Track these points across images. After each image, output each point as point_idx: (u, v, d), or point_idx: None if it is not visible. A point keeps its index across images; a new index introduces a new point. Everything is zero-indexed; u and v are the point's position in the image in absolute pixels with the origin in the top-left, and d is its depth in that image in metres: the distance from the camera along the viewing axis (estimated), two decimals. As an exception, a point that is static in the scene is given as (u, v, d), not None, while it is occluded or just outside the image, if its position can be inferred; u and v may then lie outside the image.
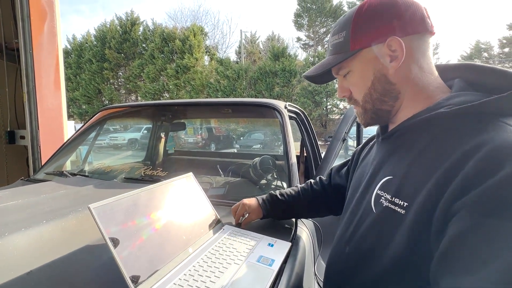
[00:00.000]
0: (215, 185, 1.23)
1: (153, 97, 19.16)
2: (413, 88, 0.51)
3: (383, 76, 0.51)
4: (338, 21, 0.55)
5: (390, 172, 0.51)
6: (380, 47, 0.50)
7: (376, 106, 0.54)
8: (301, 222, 0.96)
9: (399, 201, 0.46)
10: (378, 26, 0.49)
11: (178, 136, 9.08)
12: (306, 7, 19.79)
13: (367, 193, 0.55)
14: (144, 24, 20.86)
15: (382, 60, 0.51)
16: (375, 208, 0.51)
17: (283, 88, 15.29)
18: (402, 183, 0.47)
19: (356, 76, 0.54)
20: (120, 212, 0.60)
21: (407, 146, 0.50)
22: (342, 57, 0.52)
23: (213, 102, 1.48)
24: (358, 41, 0.51)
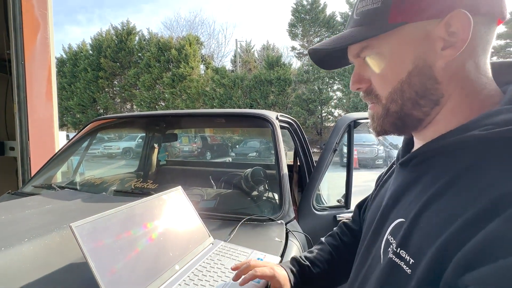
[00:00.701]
0: (206, 197, 1.22)
1: (149, 105, 19.13)
2: (461, 93, 0.36)
3: (427, 67, 0.36)
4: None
5: (402, 213, 0.38)
6: (434, 25, 0.35)
7: (404, 110, 0.39)
8: (291, 235, 0.95)
9: (405, 255, 0.34)
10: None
11: (172, 146, 9.06)
12: (300, 17, 20.20)
13: (378, 235, 0.43)
14: (140, 33, 21.02)
15: (432, 44, 0.35)
16: (382, 257, 0.40)
17: (278, 96, 15.41)
18: (411, 230, 0.35)
19: (387, 62, 0.38)
20: (104, 230, 0.59)
21: (426, 180, 0.37)
22: (375, 31, 0.36)
23: (206, 113, 1.48)
24: (404, 10, 0.35)
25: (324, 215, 1.21)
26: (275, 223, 0.98)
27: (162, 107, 19.31)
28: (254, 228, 0.97)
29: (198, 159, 10.68)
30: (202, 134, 10.78)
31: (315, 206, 1.20)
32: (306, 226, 1.13)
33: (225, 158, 10.94)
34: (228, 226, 0.97)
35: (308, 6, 19.83)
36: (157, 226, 0.73)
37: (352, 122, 1.35)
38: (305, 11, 19.97)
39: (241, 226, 0.97)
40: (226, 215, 1.04)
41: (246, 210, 1.12)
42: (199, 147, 11.37)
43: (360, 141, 10.87)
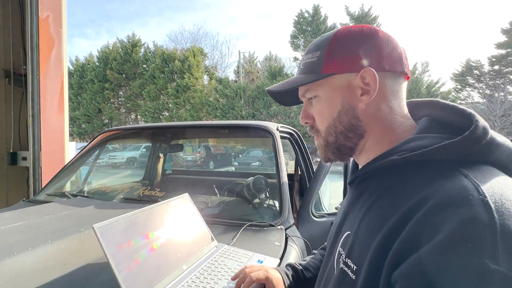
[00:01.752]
0: (210, 204, 1.29)
1: (153, 115, 19.45)
2: (380, 128, 0.46)
3: (351, 108, 0.46)
4: (314, 41, 0.50)
5: (350, 226, 0.46)
6: (353, 77, 0.45)
7: (338, 141, 0.48)
8: (291, 239, 1.01)
9: (351, 263, 0.41)
10: (355, 53, 0.45)
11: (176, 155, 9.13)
12: (302, 29, 20.69)
13: (333, 248, 0.49)
14: (145, 46, 21.62)
15: (353, 91, 0.46)
16: (336, 268, 0.46)
17: (280, 106, 15.60)
18: (354, 240, 0.42)
19: (322, 103, 0.49)
20: (121, 232, 0.66)
21: (365, 196, 0.45)
22: (312, 78, 0.47)
23: (210, 125, 1.57)
24: (332, 64, 0.46)
25: (322, 221, 1.26)
26: (275, 229, 1.04)
27: (166, 117, 19.60)
28: (256, 233, 1.03)
29: (202, 168, 10.75)
30: (206, 144, 10.84)
31: (314, 213, 1.26)
32: (305, 232, 1.18)
33: (228, 168, 10.99)
34: (231, 231, 1.04)
35: (309, 18, 20.33)
36: (167, 229, 0.81)
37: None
38: (306, 22, 20.45)
39: (243, 231, 1.03)
40: (229, 221, 1.11)
41: (248, 216, 1.18)
42: (202, 157, 11.48)
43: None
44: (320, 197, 2.05)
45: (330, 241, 0.53)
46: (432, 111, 0.48)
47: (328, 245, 0.53)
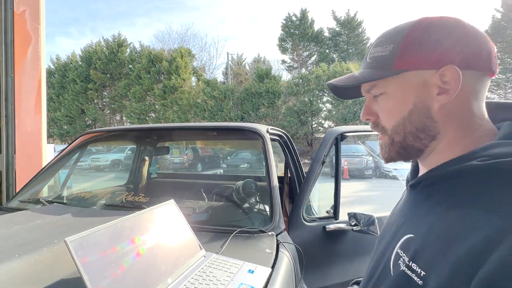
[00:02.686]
0: (197, 210, 1.23)
1: (139, 116, 18.98)
2: (456, 131, 0.43)
3: (425, 108, 0.43)
4: (385, 32, 0.47)
5: (412, 229, 0.43)
6: (431, 74, 0.41)
7: (406, 141, 0.45)
8: (282, 246, 0.97)
9: (417, 267, 0.38)
10: (435, 48, 0.41)
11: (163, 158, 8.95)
12: (290, 32, 20.87)
13: (388, 248, 0.48)
14: (131, 46, 21.12)
15: (429, 90, 0.42)
16: (392, 269, 0.44)
17: (268, 108, 15.63)
18: (421, 245, 0.39)
19: (391, 101, 0.45)
20: (98, 244, 0.60)
21: (433, 201, 0.42)
22: (382, 74, 0.44)
23: (197, 127, 1.52)
24: (407, 60, 0.42)
25: (313, 226, 1.24)
26: (266, 235, 1.00)
27: (152, 119, 19.19)
28: (246, 240, 0.98)
29: (189, 171, 10.57)
30: (193, 146, 10.72)
31: (305, 217, 1.23)
32: (296, 237, 1.15)
33: (216, 170, 10.87)
34: (220, 239, 0.99)
35: (297, 22, 20.55)
36: (149, 239, 0.75)
37: (339, 135, 1.41)
38: (294, 26, 20.66)
39: (233, 238, 0.98)
40: (217, 227, 1.06)
41: (238, 222, 1.14)
42: (190, 159, 11.29)
43: (349, 152, 11.07)
44: (310, 201, 2.03)
45: (384, 241, 0.50)
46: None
47: (381, 244, 0.51)
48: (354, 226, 1.19)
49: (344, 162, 10.73)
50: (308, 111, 15.21)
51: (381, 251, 0.50)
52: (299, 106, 15.12)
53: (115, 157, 12.03)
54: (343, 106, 14.59)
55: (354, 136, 1.51)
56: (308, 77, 15.44)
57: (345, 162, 10.70)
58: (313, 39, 20.91)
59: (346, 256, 1.29)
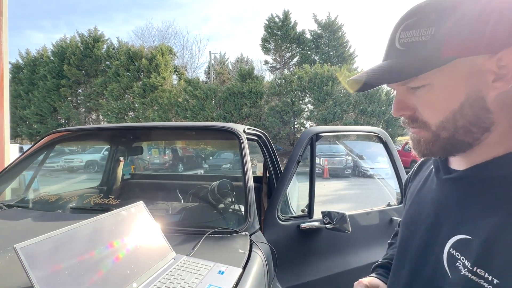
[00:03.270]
0: (171, 211, 1.20)
1: (117, 115, 18.24)
2: (510, 120, 0.39)
3: (480, 99, 0.38)
4: (415, 10, 0.39)
5: (466, 230, 0.40)
6: (484, 59, 0.36)
7: (456, 136, 0.40)
8: (255, 246, 0.97)
9: (485, 274, 0.36)
10: (490, 30, 0.35)
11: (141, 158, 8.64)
12: (272, 33, 21.02)
13: (433, 245, 0.44)
14: (108, 41, 20.25)
15: (483, 77, 0.37)
16: (450, 272, 0.41)
17: (251, 108, 15.63)
18: (487, 250, 0.36)
19: (437, 93, 0.39)
20: (54, 251, 0.56)
21: (490, 202, 0.38)
22: (429, 66, 0.37)
23: (172, 126, 1.48)
24: (455, 46, 0.36)
25: (288, 225, 1.25)
26: (240, 235, 1.00)
27: (131, 118, 18.53)
28: (219, 240, 0.97)
29: (169, 171, 10.31)
30: (174, 146, 10.46)
31: (280, 217, 1.24)
32: (271, 237, 1.16)
33: (197, 170, 10.69)
34: (192, 240, 0.97)
35: (280, 23, 20.73)
36: (113, 244, 0.72)
37: (314, 135, 1.44)
38: (277, 27, 20.83)
39: (206, 239, 0.97)
40: (191, 229, 1.04)
41: (212, 223, 1.12)
42: (171, 159, 11.01)
43: (330, 152, 11.34)
44: (288, 199, 2.05)
45: (420, 234, 0.48)
46: None
47: (415, 237, 0.48)
48: (328, 224, 1.21)
49: (324, 162, 10.99)
50: (290, 111, 15.40)
51: (420, 245, 0.47)
52: (281, 106, 15.27)
53: (90, 158, 11.47)
54: (324, 107, 14.93)
55: (334, 136, 1.55)
56: (290, 78, 15.63)
57: (325, 161, 10.96)
58: (295, 40, 21.20)
59: (319, 254, 1.32)
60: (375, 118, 14.02)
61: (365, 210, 1.47)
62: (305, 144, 1.40)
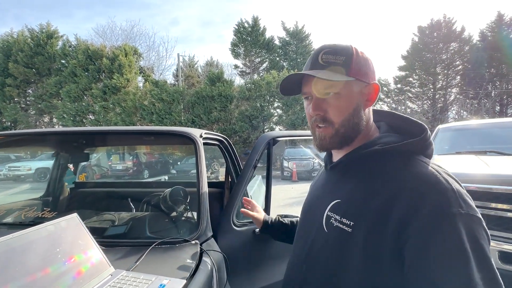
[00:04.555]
0: (117, 222, 1.12)
1: (74, 118, 16.78)
2: (366, 127, 0.62)
3: (360, 109, 0.60)
4: (331, 45, 0.60)
5: (338, 196, 0.60)
6: (364, 85, 0.59)
7: (348, 132, 0.60)
8: (206, 254, 0.95)
9: (346, 220, 0.55)
10: (369, 69, 0.60)
11: (98, 165, 8.05)
12: (242, 38, 21.18)
13: (318, 214, 0.63)
14: (64, 38, 18.68)
15: (363, 96, 0.60)
16: (326, 228, 0.60)
17: (220, 112, 15.47)
18: (347, 205, 0.57)
19: (343, 100, 0.58)
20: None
21: (351, 174, 0.61)
22: (343, 77, 0.57)
23: (121, 131, 1.39)
24: (356, 71, 0.57)
25: (243, 230, 1.24)
26: (189, 244, 0.96)
27: (91, 121, 17.19)
28: (166, 251, 0.93)
29: (128, 178, 9.72)
30: (137, 151, 9.88)
31: (235, 222, 1.23)
32: (225, 243, 1.13)
33: (164, 176, 10.24)
34: (137, 253, 0.91)
35: (249, 29, 20.99)
36: (39, 264, 0.64)
37: (271, 139, 1.46)
38: (246, 32, 21.05)
39: (152, 251, 0.92)
40: (136, 240, 0.98)
41: (161, 233, 1.07)
42: (135, 165, 10.39)
43: (298, 155, 11.67)
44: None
45: (311, 210, 0.68)
46: (389, 119, 0.67)
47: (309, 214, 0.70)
48: (282, 227, 1.22)
49: (293, 165, 11.27)
50: (259, 116, 15.56)
51: (310, 218, 0.67)
52: (251, 111, 15.37)
53: (40, 165, 10.34)
54: (292, 112, 15.36)
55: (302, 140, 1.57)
56: (259, 82, 15.83)
57: (294, 165, 11.25)
58: (264, 46, 21.60)
59: (274, 258, 1.33)
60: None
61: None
62: (262, 149, 1.41)
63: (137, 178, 9.72)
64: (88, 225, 1.10)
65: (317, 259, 0.61)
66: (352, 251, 0.53)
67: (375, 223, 0.51)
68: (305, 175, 11.01)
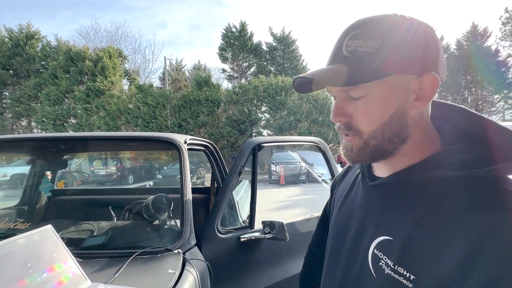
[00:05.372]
0: (96, 232, 1.08)
1: (54, 122, 16.11)
2: (420, 135, 0.45)
3: (404, 113, 0.43)
4: (362, 22, 0.42)
5: (388, 231, 0.44)
6: (412, 79, 0.41)
7: (382, 145, 0.44)
8: (189, 264, 0.93)
9: (404, 271, 0.40)
10: (420, 53, 0.40)
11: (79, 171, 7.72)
12: (230, 42, 21.25)
13: (359, 247, 0.48)
14: (45, 39, 18.00)
15: (408, 95, 0.42)
16: (374, 272, 0.44)
17: (207, 116, 15.35)
18: (406, 249, 0.40)
19: (373, 104, 0.43)
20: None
21: (408, 204, 0.43)
22: (372, 76, 0.40)
23: (103, 137, 1.35)
24: (394, 62, 0.40)
25: (228, 237, 1.22)
26: (172, 254, 0.94)
27: (72, 125, 16.57)
28: (147, 262, 0.90)
29: (115, 184, 9.41)
30: (120, 156, 9.60)
31: (220, 230, 1.21)
32: (209, 251, 1.12)
33: (149, 182, 9.98)
34: (117, 264, 0.88)
35: (237, 33, 21.10)
36: (7, 279, 0.60)
37: (256, 145, 1.46)
38: (234, 37, 21.14)
39: (133, 262, 0.89)
40: (116, 251, 0.94)
41: (142, 242, 1.04)
42: (119, 170, 10.07)
43: (285, 159, 11.75)
44: (237, 209, 2.03)
45: (349, 236, 0.51)
46: (457, 117, 0.47)
47: (345, 239, 0.52)
48: (268, 234, 1.23)
49: (280, 169, 11.33)
50: (246, 120, 15.57)
51: (349, 246, 0.51)
52: (238, 115, 15.37)
53: (17, 171, 9.81)
54: (279, 116, 15.48)
55: (290, 145, 1.58)
56: (247, 87, 15.87)
57: (281, 169, 11.31)
58: (252, 51, 21.75)
59: (260, 265, 1.32)
60: (326, 127, 15.01)
61: (305, 217, 1.53)
62: (247, 155, 1.41)
63: (121, 184, 9.43)
64: (65, 236, 1.06)
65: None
66: None
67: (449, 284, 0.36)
68: (293, 179, 11.10)
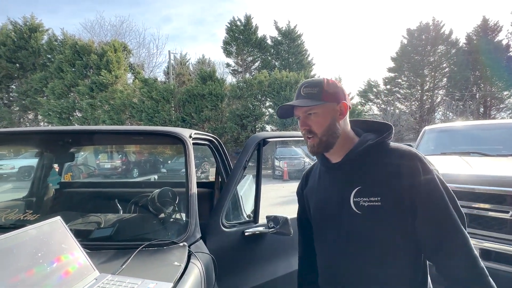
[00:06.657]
0: (103, 224, 1.10)
1: (60, 115, 16.29)
2: (346, 133, 0.85)
3: (335, 122, 0.82)
4: (309, 81, 0.85)
5: (357, 184, 0.80)
6: (336, 105, 0.82)
7: (329, 139, 0.82)
8: (194, 257, 0.94)
9: (374, 198, 0.77)
10: (337, 92, 0.82)
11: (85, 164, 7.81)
12: (234, 37, 21.08)
13: (343, 204, 0.81)
14: (50, 32, 18.08)
15: (336, 113, 0.82)
16: (358, 209, 0.79)
17: (211, 111, 15.34)
18: (371, 187, 0.78)
19: (320, 117, 0.81)
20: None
21: (360, 167, 0.82)
22: (319, 102, 0.80)
23: (108, 131, 1.36)
24: (326, 96, 0.81)
25: (232, 232, 1.24)
26: (177, 246, 0.95)
27: (78, 119, 16.74)
28: (153, 254, 0.92)
29: (116, 178, 9.50)
30: (125, 150, 9.66)
31: (224, 224, 1.22)
32: (214, 245, 1.13)
33: (154, 175, 10.05)
34: (124, 256, 0.89)
35: (241, 27, 20.91)
36: (18, 266, 0.62)
37: (261, 140, 1.46)
38: (238, 31, 20.95)
39: (139, 254, 0.90)
40: (123, 243, 0.96)
41: (148, 235, 1.06)
42: (124, 164, 10.18)
43: (289, 154, 11.75)
44: (241, 204, 2.04)
45: (331, 205, 0.85)
46: (363, 125, 0.91)
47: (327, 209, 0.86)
48: (272, 228, 1.23)
49: (284, 164, 11.33)
50: (250, 115, 15.53)
51: (330, 213, 0.85)
52: (241, 110, 15.33)
53: (24, 163, 9.98)
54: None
55: (293, 140, 1.58)
56: (251, 81, 15.79)
57: (285, 164, 11.31)
58: (256, 45, 21.56)
59: (264, 259, 1.33)
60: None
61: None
62: (252, 150, 1.41)
63: (126, 177, 9.54)
64: (73, 228, 1.08)
65: (358, 232, 0.79)
66: (386, 214, 0.75)
67: (395, 189, 0.75)
68: (296, 174, 11.08)
